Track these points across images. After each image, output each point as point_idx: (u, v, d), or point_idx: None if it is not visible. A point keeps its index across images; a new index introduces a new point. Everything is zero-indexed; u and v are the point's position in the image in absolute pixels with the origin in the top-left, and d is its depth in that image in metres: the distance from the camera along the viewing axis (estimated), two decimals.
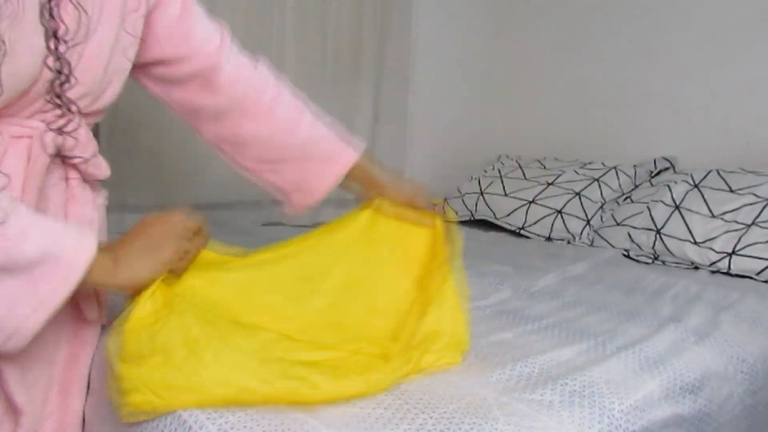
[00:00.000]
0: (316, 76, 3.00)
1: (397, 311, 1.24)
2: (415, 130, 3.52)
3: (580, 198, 2.86)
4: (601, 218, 2.81)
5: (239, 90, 1.22)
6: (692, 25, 2.95)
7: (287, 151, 1.27)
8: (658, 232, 2.45)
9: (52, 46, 0.91)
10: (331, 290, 1.23)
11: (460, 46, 3.69)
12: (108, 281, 0.95)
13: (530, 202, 2.95)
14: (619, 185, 2.90)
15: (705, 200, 2.44)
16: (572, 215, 2.80)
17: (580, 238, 2.75)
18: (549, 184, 3.01)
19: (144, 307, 0.98)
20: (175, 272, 1.06)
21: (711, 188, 2.48)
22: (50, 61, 0.91)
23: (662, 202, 2.55)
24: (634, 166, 2.98)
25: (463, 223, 3.19)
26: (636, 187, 2.91)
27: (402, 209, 1.34)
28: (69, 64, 0.94)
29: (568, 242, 2.77)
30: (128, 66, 1.07)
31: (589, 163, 3.12)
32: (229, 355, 0.97)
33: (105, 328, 1.14)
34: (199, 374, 0.93)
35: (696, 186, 2.53)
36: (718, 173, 2.55)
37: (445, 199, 3.35)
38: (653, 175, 2.95)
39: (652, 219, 2.51)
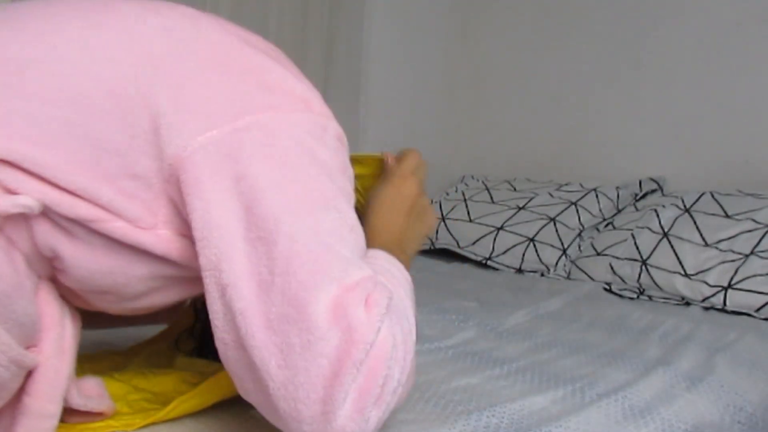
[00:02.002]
0: None
1: None
2: (366, 146, 3.51)
3: (555, 224, 2.87)
4: (579, 247, 2.83)
5: None
6: (683, 27, 3.00)
7: None
8: (643, 263, 2.47)
9: None
10: None
11: (417, 51, 3.70)
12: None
13: (498, 229, 2.96)
14: (600, 210, 2.93)
15: (697, 227, 2.46)
16: (546, 244, 2.82)
17: (555, 270, 2.76)
18: (520, 209, 3.03)
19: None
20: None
21: (704, 213, 2.51)
22: None
23: (648, 228, 2.58)
24: (617, 188, 3.00)
25: (422, 252, 3.18)
26: (619, 211, 2.94)
27: None
28: None
29: (542, 274, 2.78)
30: None
31: (566, 184, 3.15)
32: None
33: None
34: None
35: (687, 210, 2.56)
36: (712, 196, 2.58)
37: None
38: (638, 198, 2.98)
39: (637, 248, 2.53)
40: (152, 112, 0.90)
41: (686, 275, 2.34)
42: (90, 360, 1.28)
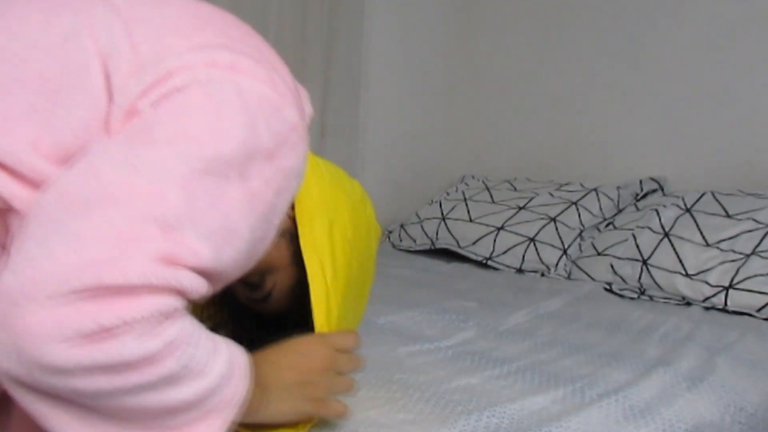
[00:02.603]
0: None
1: None
2: (367, 145, 3.51)
3: (555, 224, 2.87)
4: (580, 247, 2.83)
5: None
6: (683, 27, 3.00)
7: None
8: (644, 262, 2.47)
9: None
10: None
11: (417, 51, 3.70)
12: (248, 417, 0.95)
13: (499, 229, 2.96)
14: (600, 209, 2.93)
15: (698, 226, 2.46)
16: (547, 244, 2.82)
17: (555, 270, 2.76)
18: (520, 209, 3.03)
19: None
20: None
21: (705, 213, 2.51)
22: None
23: (649, 228, 2.58)
24: (618, 187, 3.01)
25: (422, 252, 3.19)
26: (619, 211, 2.94)
27: None
28: None
29: (542, 274, 2.78)
30: None
31: (566, 184, 3.15)
32: None
33: None
34: None
35: (688, 210, 2.56)
36: (713, 196, 2.58)
37: (402, 225, 3.35)
38: (639, 197, 2.98)
39: (638, 248, 2.53)
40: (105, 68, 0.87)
41: (687, 275, 2.34)
42: None
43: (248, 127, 0.87)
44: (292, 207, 1.14)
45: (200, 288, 0.81)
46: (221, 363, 0.86)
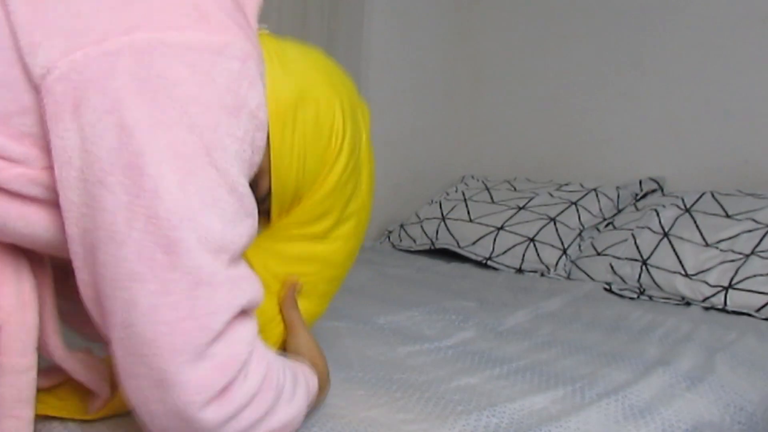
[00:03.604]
0: None
1: None
2: None
3: (555, 224, 2.88)
4: (580, 247, 2.83)
5: None
6: (683, 27, 3.00)
7: None
8: (644, 262, 2.48)
9: None
10: None
11: (417, 51, 3.70)
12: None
13: (498, 229, 2.97)
14: (600, 210, 2.93)
15: (697, 226, 2.47)
16: (546, 244, 2.82)
17: (555, 270, 2.76)
18: (520, 209, 3.03)
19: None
20: None
21: (704, 213, 2.51)
22: None
23: (649, 228, 2.58)
24: (617, 187, 3.01)
25: (422, 252, 3.19)
26: (619, 211, 2.94)
27: None
28: None
29: (542, 274, 2.78)
30: None
31: (566, 184, 3.15)
32: None
33: None
34: None
35: (687, 210, 2.57)
36: (713, 196, 2.58)
37: (390, 232, 3.35)
38: (638, 198, 2.98)
39: (638, 248, 2.53)
40: (12, 31, 0.83)
41: (686, 275, 2.34)
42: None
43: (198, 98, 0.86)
44: None
45: (258, 288, 0.93)
46: (302, 391, 1.02)
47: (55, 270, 1.02)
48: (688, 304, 2.31)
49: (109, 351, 0.88)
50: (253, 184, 1.12)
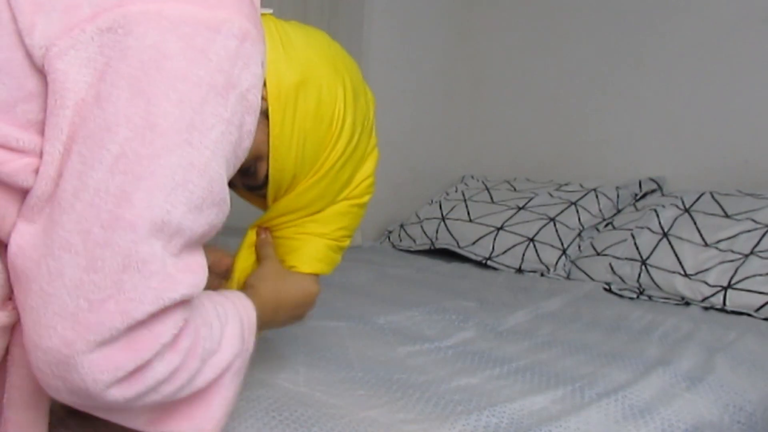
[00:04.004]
0: None
1: None
2: None
3: (555, 224, 2.88)
4: (579, 247, 2.83)
5: None
6: (683, 27, 3.00)
7: None
8: (643, 262, 2.48)
9: None
10: None
11: (417, 51, 3.69)
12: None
13: (498, 229, 2.97)
14: (600, 210, 2.93)
15: (697, 227, 2.47)
16: (546, 244, 2.82)
17: (554, 270, 2.76)
18: (520, 209, 3.03)
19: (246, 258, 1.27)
20: None
21: (704, 213, 2.51)
22: None
23: (648, 228, 2.58)
24: (617, 188, 3.01)
25: (422, 252, 3.19)
26: (618, 211, 2.94)
27: None
28: None
29: (542, 274, 2.78)
30: None
31: (566, 184, 3.15)
32: None
33: None
34: None
35: (687, 210, 2.57)
36: (712, 196, 2.58)
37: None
38: (638, 198, 2.98)
39: (637, 248, 2.53)
40: (12, 15, 0.82)
41: (686, 275, 2.34)
42: None
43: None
44: (265, 84, 1.08)
45: (200, 282, 0.86)
46: (232, 333, 0.96)
47: None
48: (687, 304, 2.31)
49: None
50: (253, 170, 1.13)
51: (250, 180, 1.17)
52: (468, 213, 3.15)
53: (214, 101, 0.84)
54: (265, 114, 1.08)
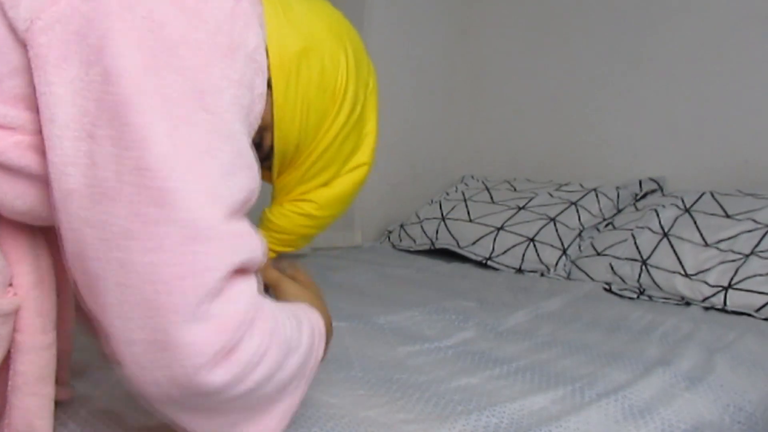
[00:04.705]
0: None
1: None
2: None
3: (555, 224, 2.88)
4: (579, 247, 2.83)
5: None
6: (683, 27, 3.00)
7: None
8: (643, 262, 2.47)
9: None
10: None
11: (417, 51, 3.69)
12: None
13: (498, 229, 2.97)
14: (600, 210, 2.93)
15: (697, 226, 2.47)
16: (546, 244, 2.82)
17: (555, 270, 2.76)
18: (520, 209, 3.03)
19: None
20: None
21: (704, 213, 2.51)
22: None
23: (649, 228, 2.58)
24: (617, 188, 3.01)
25: (422, 252, 3.19)
26: (619, 211, 2.94)
27: None
28: None
29: (542, 274, 2.78)
30: None
31: (566, 184, 3.15)
32: None
33: None
34: None
35: (687, 210, 2.57)
36: (712, 196, 2.58)
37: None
38: (638, 198, 2.98)
39: (637, 248, 2.53)
40: None
41: (686, 275, 2.34)
42: None
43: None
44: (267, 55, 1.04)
45: (257, 247, 0.85)
46: (306, 334, 0.96)
47: None
48: (687, 304, 2.31)
49: (94, 327, 0.84)
50: (258, 141, 1.10)
51: (256, 152, 1.15)
52: (468, 213, 3.16)
53: (220, 63, 0.83)
54: (267, 83, 1.03)
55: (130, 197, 0.75)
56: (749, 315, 2.17)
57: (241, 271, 0.82)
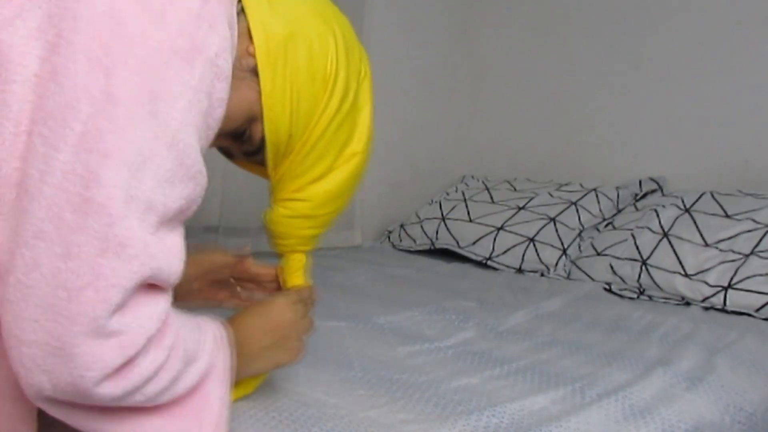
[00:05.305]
0: None
1: None
2: None
3: (555, 224, 2.88)
4: (579, 247, 2.83)
5: None
6: (683, 27, 3.00)
7: None
8: (643, 262, 2.47)
9: None
10: None
11: (417, 50, 3.69)
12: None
13: (498, 229, 2.96)
14: (600, 210, 2.93)
15: (697, 227, 2.46)
16: (546, 244, 2.82)
17: (555, 270, 2.76)
18: (520, 209, 3.03)
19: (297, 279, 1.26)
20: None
21: (704, 213, 2.51)
22: None
23: (649, 228, 2.58)
24: (617, 188, 3.01)
25: (422, 252, 3.19)
26: (619, 211, 2.94)
27: None
28: None
29: (542, 274, 2.78)
30: None
31: (566, 184, 3.15)
32: None
33: None
34: None
35: (687, 210, 2.57)
36: (712, 196, 2.58)
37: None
38: (638, 198, 2.98)
39: (637, 248, 2.53)
40: None
41: (686, 275, 2.34)
42: None
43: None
44: (252, 42, 1.03)
45: (177, 265, 0.84)
46: (209, 342, 0.94)
47: None
48: (687, 304, 2.31)
49: None
50: (248, 134, 1.08)
51: (246, 145, 1.12)
52: (468, 213, 3.15)
53: (178, 67, 0.81)
54: (254, 72, 1.03)
55: (50, 199, 0.74)
56: (749, 315, 2.17)
57: (152, 285, 0.82)
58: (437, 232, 3.18)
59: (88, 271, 0.75)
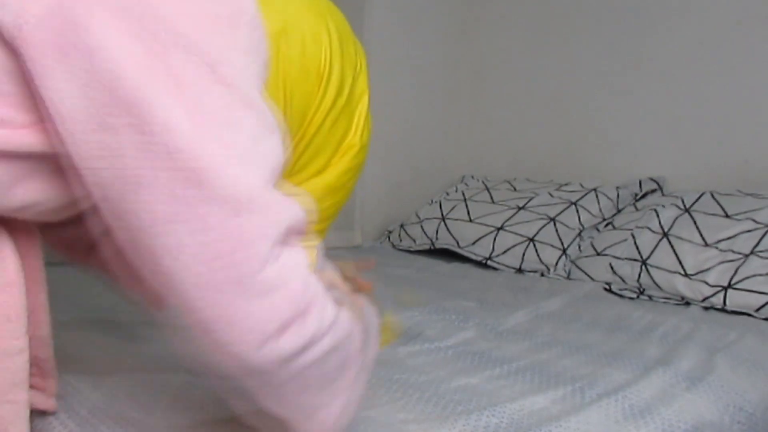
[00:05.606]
0: None
1: None
2: None
3: (555, 224, 2.87)
4: (579, 247, 2.83)
5: None
6: (683, 27, 3.00)
7: None
8: (643, 262, 2.47)
9: None
10: None
11: (417, 50, 3.69)
12: None
13: (498, 229, 2.96)
14: (600, 210, 2.93)
15: (697, 226, 2.46)
16: (546, 244, 2.82)
17: (555, 270, 2.76)
18: (520, 209, 3.03)
19: None
20: None
21: (704, 213, 2.51)
22: None
23: (648, 228, 2.58)
24: (617, 187, 3.01)
25: (422, 252, 3.19)
26: (619, 211, 2.94)
27: None
28: None
29: (542, 274, 2.78)
30: None
31: (566, 184, 3.15)
32: None
33: None
34: None
35: (687, 210, 2.56)
36: (712, 196, 2.58)
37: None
38: (638, 198, 2.98)
39: (637, 248, 2.53)
40: None
41: (686, 275, 2.34)
42: None
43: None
44: None
45: (299, 211, 0.86)
46: (347, 315, 0.93)
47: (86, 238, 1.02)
48: (687, 304, 2.31)
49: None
50: None
51: None
52: (468, 213, 3.15)
53: (225, 34, 0.82)
54: None
55: (166, 182, 0.75)
56: (749, 315, 2.16)
57: (288, 240, 0.82)
58: (437, 232, 3.18)
59: (230, 235, 0.76)
